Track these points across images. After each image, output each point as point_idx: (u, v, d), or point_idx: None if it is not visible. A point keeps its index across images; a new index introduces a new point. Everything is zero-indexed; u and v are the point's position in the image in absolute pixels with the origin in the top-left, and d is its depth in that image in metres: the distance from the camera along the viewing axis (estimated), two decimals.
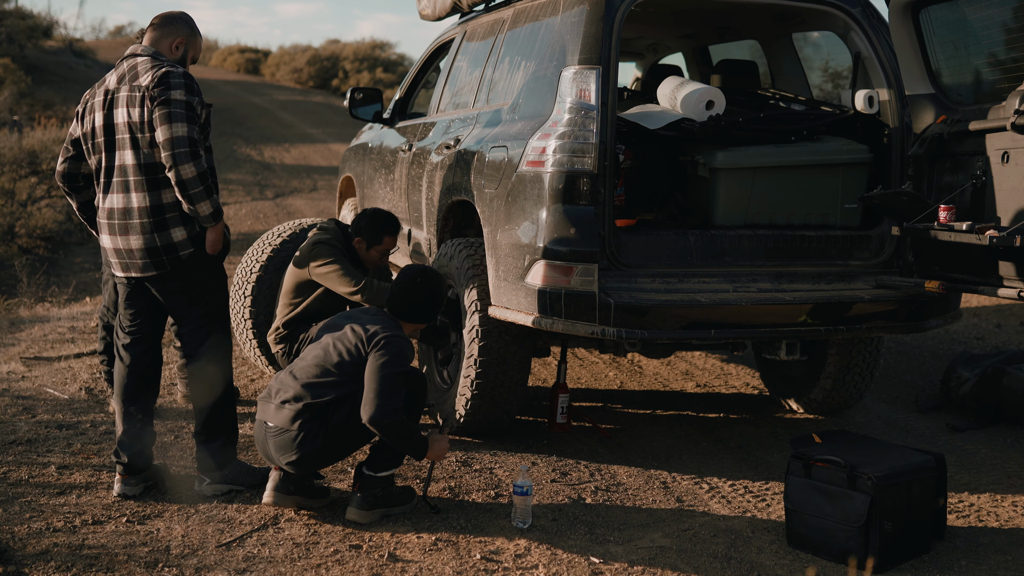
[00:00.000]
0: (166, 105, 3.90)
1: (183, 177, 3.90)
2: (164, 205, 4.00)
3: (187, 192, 3.93)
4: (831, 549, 3.79)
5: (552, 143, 4.29)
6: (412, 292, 4.09)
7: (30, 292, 9.39)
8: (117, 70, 4.09)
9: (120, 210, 4.04)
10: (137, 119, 3.95)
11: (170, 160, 3.89)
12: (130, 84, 3.99)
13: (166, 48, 4.14)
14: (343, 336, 3.96)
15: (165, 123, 3.90)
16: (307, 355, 4.02)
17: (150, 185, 3.99)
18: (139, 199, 4.00)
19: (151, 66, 4.00)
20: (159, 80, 3.93)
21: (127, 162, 4.00)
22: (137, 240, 4.01)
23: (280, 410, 3.88)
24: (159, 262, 4.03)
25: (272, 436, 3.88)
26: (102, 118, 4.05)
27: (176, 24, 4.18)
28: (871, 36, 4.79)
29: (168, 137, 3.89)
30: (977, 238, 3.96)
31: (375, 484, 3.94)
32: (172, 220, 4.01)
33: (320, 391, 3.87)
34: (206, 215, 3.99)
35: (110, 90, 4.05)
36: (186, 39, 4.18)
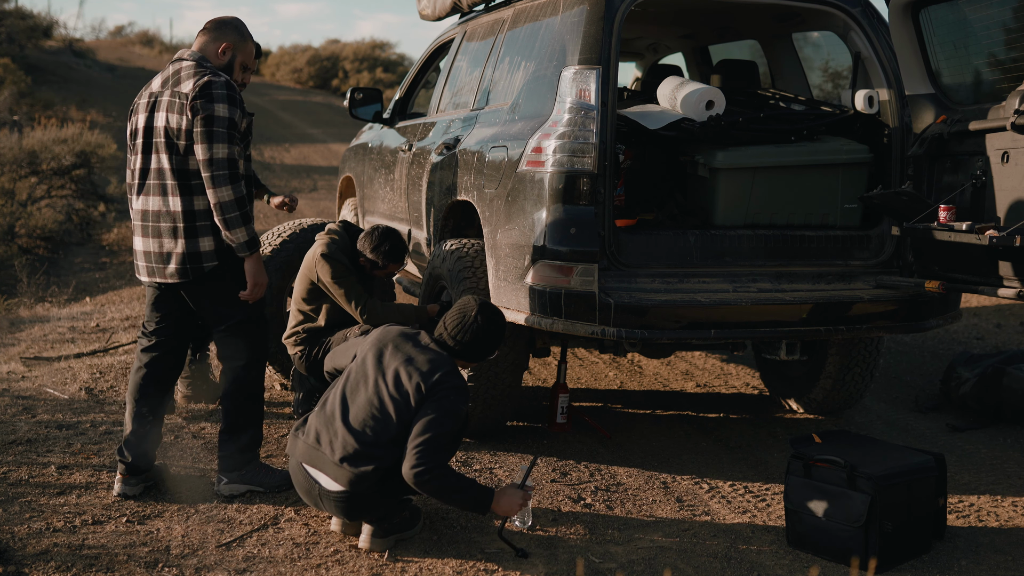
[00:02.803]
0: (209, 123, 3.89)
1: (220, 200, 3.91)
2: (196, 212, 3.99)
3: (223, 216, 3.93)
4: (831, 549, 3.79)
5: (552, 143, 4.29)
6: (474, 333, 3.76)
7: (30, 292, 9.39)
8: (163, 73, 4.09)
9: (152, 212, 4.04)
10: (175, 125, 3.94)
11: (209, 182, 3.90)
12: (172, 89, 3.98)
13: (213, 53, 4.11)
14: (397, 379, 3.64)
15: (206, 142, 3.89)
16: (355, 394, 3.70)
17: (183, 190, 3.97)
18: (172, 203, 3.99)
19: (194, 73, 3.97)
20: (201, 89, 3.90)
21: (163, 166, 4.00)
22: (168, 244, 4.01)
23: (339, 470, 3.59)
24: (183, 270, 4.01)
25: (332, 500, 3.64)
26: (144, 120, 4.05)
27: (225, 29, 4.15)
28: (871, 36, 4.79)
29: (208, 158, 3.89)
30: (977, 238, 3.96)
31: (393, 511, 3.75)
32: (202, 228, 3.99)
33: (381, 452, 3.59)
34: (240, 243, 3.97)
35: (154, 93, 4.06)
36: (234, 44, 4.14)
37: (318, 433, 3.71)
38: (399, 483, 3.62)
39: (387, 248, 4.89)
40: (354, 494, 3.60)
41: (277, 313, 5.45)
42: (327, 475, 3.64)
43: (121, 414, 5.14)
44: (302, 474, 3.74)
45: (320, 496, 3.68)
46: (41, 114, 17.88)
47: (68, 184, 14.37)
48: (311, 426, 3.76)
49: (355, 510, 3.67)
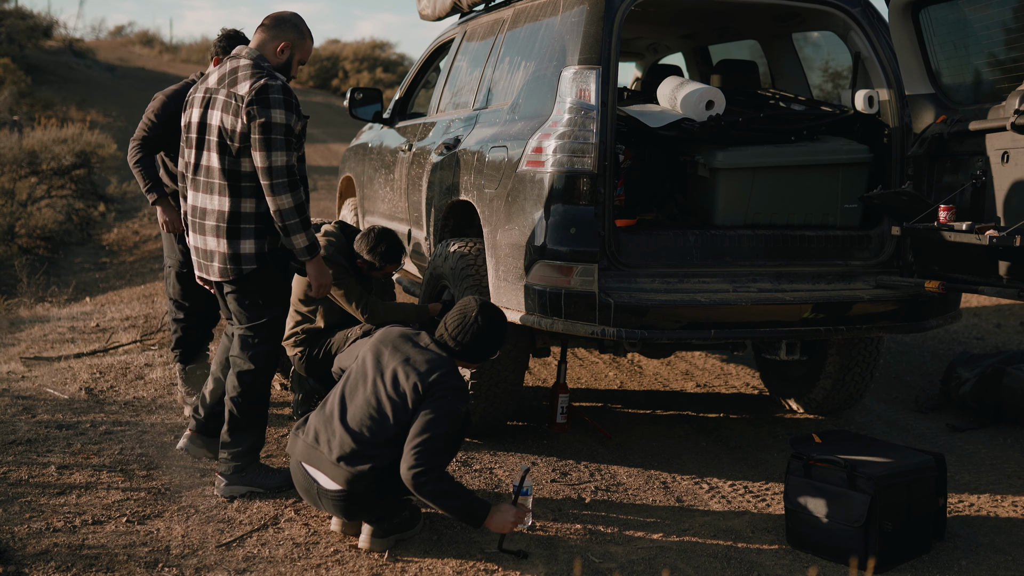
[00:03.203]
0: (267, 130, 3.87)
1: (280, 207, 3.91)
2: (241, 214, 3.99)
3: (284, 223, 3.94)
4: (831, 549, 3.79)
5: (552, 143, 4.29)
6: (475, 335, 3.75)
7: (30, 292, 9.39)
8: (220, 69, 4.06)
9: (200, 209, 4.06)
10: (229, 127, 3.93)
11: (269, 190, 3.90)
12: (228, 89, 3.96)
13: (271, 52, 4.08)
14: (395, 379, 3.63)
15: (264, 150, 3.88)
16: (354, 394, 3.71)
17: (231, 191, 3.97)
18: (219, 202, 4.00)
19: (251, 74, 3.94)
20: (257, 93, 3.87)
21: (212, 164, 4.00)
22: (212, 242, 4.04)
23: (337, 469, 3.60)
24: (224, 270, 4.04)
25: (330, 499, 3.65)
26: (199, 115, 4.05)
27: (283, 27, 4.10)
28: (871, 36, 4.79)
29: (267, 166, 3.89)
30: (977, 238, 3.96)
31: (393, 511, 3.75)
32: (245, 231, 4.00)
33: (378, 452, 3.58)
34: (301, 248, 3.99)
35: (210, 89, 4.05)
36: (292, 43, 4.10)
37: (317, 432, 3.71)
38: (397, 483, 3.62)
39: (383, 249, 4.89)
40: (351, 493, 3.60)
41: None
42: (325, 474, 3.64)
43: (121, 414, 5.15)
44: (301, 473, 3.74)
45: (319, 495, 3.69)
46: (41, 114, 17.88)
47: (68, 184, 14.37)
48: (311, 425, 3.77)
49: (353, 509, 3.67)
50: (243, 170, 3.96)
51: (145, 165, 5.00)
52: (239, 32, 5.04)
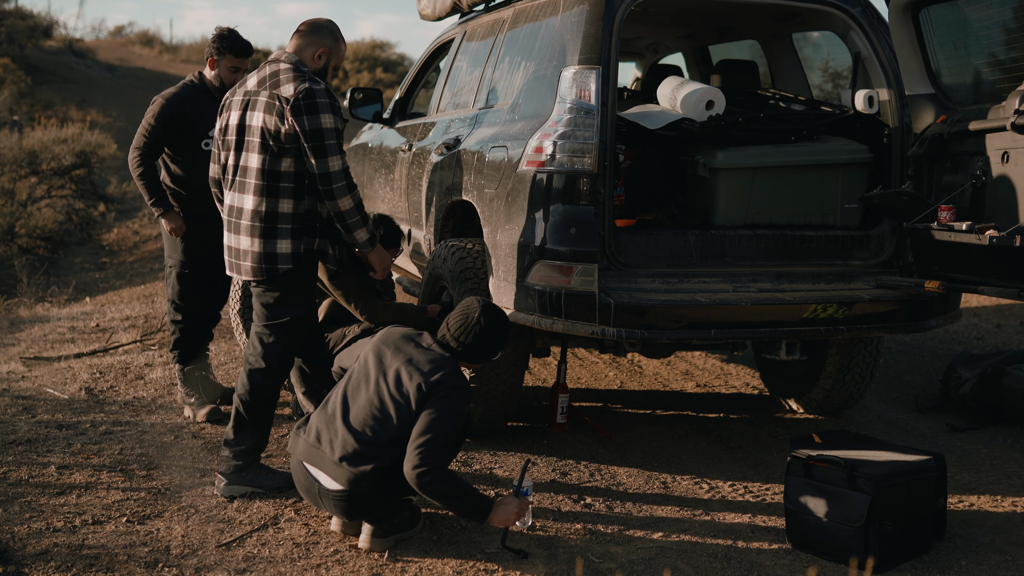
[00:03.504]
0: (319, 136, 3.93)
1: (341, 209, 4.02)
2: (280, 214, 4.02)
3: (345, 222, 4.06)
4: (831, 549, 3.79)
5: (552, 143, 4.29)
6: (477, 335, 3.76)
7: (30, 292, 9.40)
8: (259, 73, 4.12)
9: (237, 209, 4.09)
10: (272, 127, 3.96)
11: (329, 195, 3.99)
12: (270, 91, 4.00)
13: (309, 57, 4.14)
14: (398, 379, 3.63)
15: (320, 156, 3.95)
16: (356, 394, 3.70)
17: (269, 191, 4.01)
18: (255, 202, 4.02)
19: (293, 77, 3.99)
20: (304, 97, 3.92)
21: (251, 164, 4.04)
22: (246, 242, 4.06)
23: (339, 469, 3.60)
24: (258, 269, 4.06)
25: (331, 499, 3.64)
26: (238, 117, 4.09)
27: (321, 33, 4.16)
28: (871, 36, 4.79)
29: (325, 171, 3.96)
30: (977, 238, 3.96)
31: (393, 511, 3.74)
32: (284, 231, 4.03)
33: (380, 452, 3.58)
34: (363, 241, 4.13)
35: (249, 92, 4.09)
36: (329, 49, 4.18)
37: (319, 432, 3.71)
38: (398, 483, 3.62)
39: (381, 232, 4.91)
40: (353, 493, 3.60)
41: None
42: (327, 474, 3.64)
43: (121, 414, 5.15)
44: (303, 473, 3.74)
45: (320, 495, 3.69)
46: (41, 114, 17.89)
47: (68, 184, 14.38)
48: (312, 425, 3.77)
49: (354, 509, 3.67)
50: (283, 170, 4.01)
51: (148, 178, 4.98)
52: (233, 31, 5.03)
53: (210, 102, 5.04)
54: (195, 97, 5.03)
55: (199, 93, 5.04)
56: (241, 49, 4.98)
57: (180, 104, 4.97)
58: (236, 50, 4.97)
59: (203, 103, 5.03)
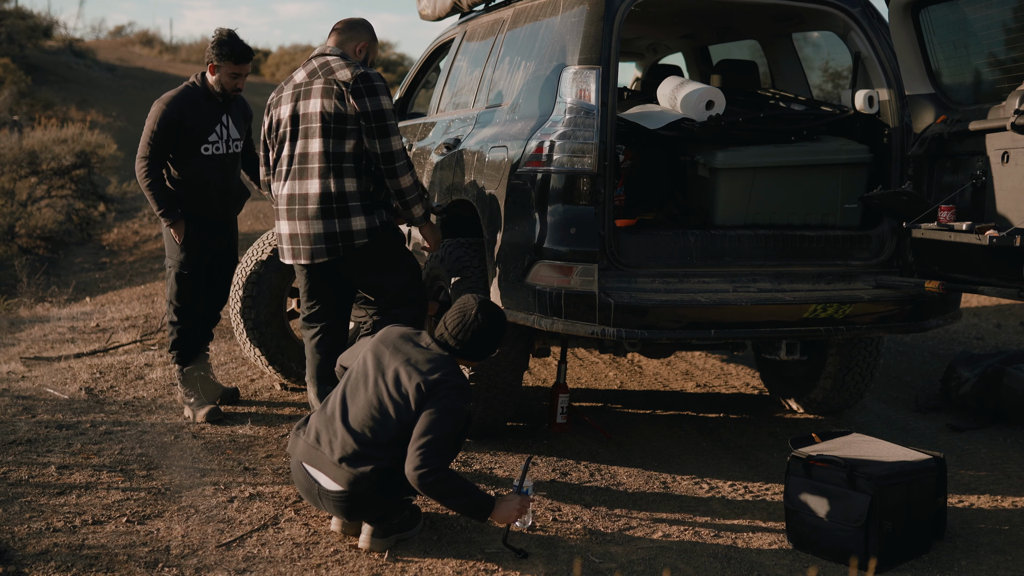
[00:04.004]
0: (381, 117, 4.15)
1: (403, 187, 4.25)
2: (347, 193, 4.18)
3: (405, 199, 4.28)
4: (831, 549, 3.79)
5: (552, 143, 4.29)
6: (475, 333, 3.74)
7: (30, 292, 9.40)
8: (306, 68, 4.30)
9: (301, 196, 4.20)
10: (332, 110, 4.14)
11: (391, 173, 4.22)
12: (325, 77, 4.18)
13: (351, 51, 4.36)
14: (397, 379, 3.62)
15: (382, 136, 4.16)
16: (355, 394, 3.69)
17: (335, 172, 4.17)
18: (323, 185, 4.17)
19: (345, 64, 4.22)
20: (361, 79, 4.15)
21: (314, 150, 4.18)
22: (316, 225, 4.18)
23: (338, 470, 3.59)
24: (333, 248, 4.19)
25: (331, 500, 3.64)
26: (289, 110, 4.24)
27: (359, 29, 4.41)
28: (871, 36, 4.79)
29: (388, 151, 4.17)
30: (977, 238, 3.96)
31: (393, 511, 3.74)
32: (355, 208, 4.19)
33: (380, 453, 3.57)
34: (419, 216, 4.36)
35: (299, 84, 4.25)
36: (368, 44, 4.42)
37: (318, 433, 3.71)
38: (399, 483, 3.62)
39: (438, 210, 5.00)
40: (353, 494, 3.60)
41: (277, 312, 5.44)
42: (326, 475, 3.64)
43: (121, 414, 5.15)
44: (302, 473, 3.74)
45: (320, 496, 3.69)
46: (41, 114, 17.89)
47: (68, 184, 14.38)
48: (312, 426, 3.76)
49: (354, 510, 3.67)
50: (346, 151, 4.17)
51: (157, 188, 4.97)
52: (233, 35, 5.00)
53: (211, 105, 5.04)
54: (196, 100, 5.01)
55: (200, 96, 5.03)
56: (241, 55, 4.96)
57: (181, 108, 4.96)
58: (235, 56, 4.95)
59: (204, 106, 5.02)
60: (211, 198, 5.10)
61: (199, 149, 5.01)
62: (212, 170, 5.06)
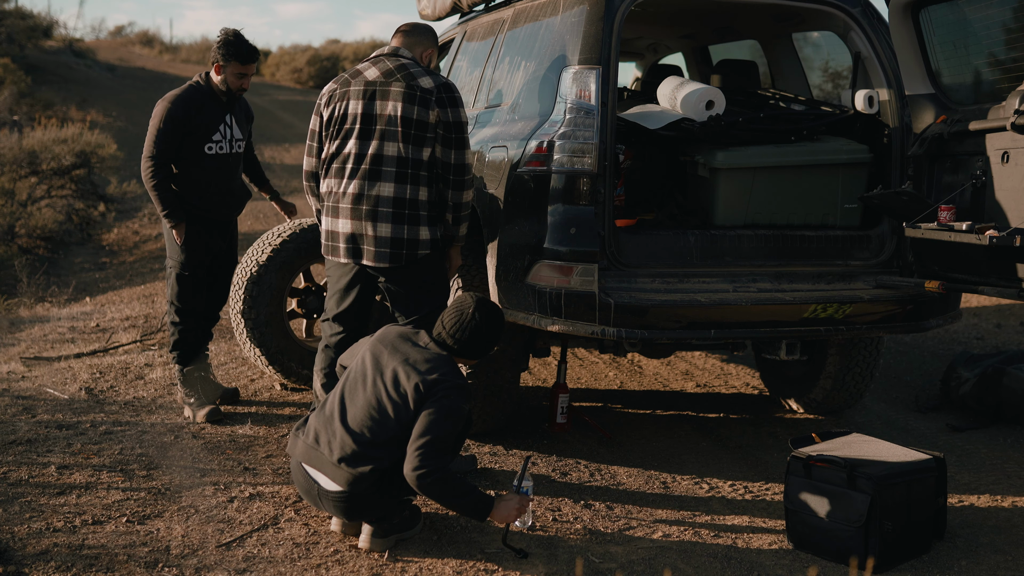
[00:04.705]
0: (460, 129, 4.16)
1: (464, 200, 4.24)
2: (419, 201, 4.16)
3: (460, 213, 4.26)
4: (831, 549, 3.79)
5: (552, 143, 4.29)
6: (473, 331, 3.74)
7: (30, 292, 9.39)
8: (377, 65, 4.23)
9: (372, 197, 4.14)
10: (416, 117, 4.10)
11: (459, 185, 4.20)
12: (406, 82, 4.13)
13: (419, 55, 4.34)
14: (395, 379, 3.61)
15: (458, 148, 4.17)
16: (354, 394, 3.69)
17: (412, 179, 4.14)
18: (398, 190, 4.13)
19: (424, 71, 4.20)
20: (446, 89, 4.15)
21: (389, 153, 4.13)
22: (384, 229, 4.14)
23: (337, 470, 3.59)
24: (397, 255, 4.15)
25: (331, 500, 3.65)
26: (361, 106, 4.16)
27: (427, 35, 4.39)
28: (871, 36, 4.79)
29: (460, 163, 4.18)
30: (977, 238, 3.96)
31: (393, 511, 3.76)
32: (423, 218, 4.17)
33: (379, 453, 3.57)
34: (462, 235, 4.34)
35: (373, 82, 4.18)
36: (433, 51, 4.41)
37: (317, 433, 3.71)
38: (398, 484, 3.61)
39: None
40: (352, 494, 3.60)
41: (277, 312, 5.44)
42: (326, 475, 3.64)
43: (121, 414, 5.15)
44: (302, 474, 3.74)
45: (319, 496, 3.69)
46: (41, 114, 17.87)
47: (68, 184, 14.37)
48: (311, 426, 3.76)
49: (354, 510, 3.67)
50: (423, 159, 4.15)
51: (163, 189, 4.96)
52: (239, 35, 5.00)
53: (215, 105, 5.04)
54: (200, 100, 5.01)
55: (204, 96, 5.03)
56: (247, 55, 4.96)
57: (186, 107, 4.95)
58: (242, 56, 4.94)
59: (208, 106, 5.02)
60: (214, 198, 5.10)
61: (203, 149, 5.01)
62: (215, 170, 5.06)
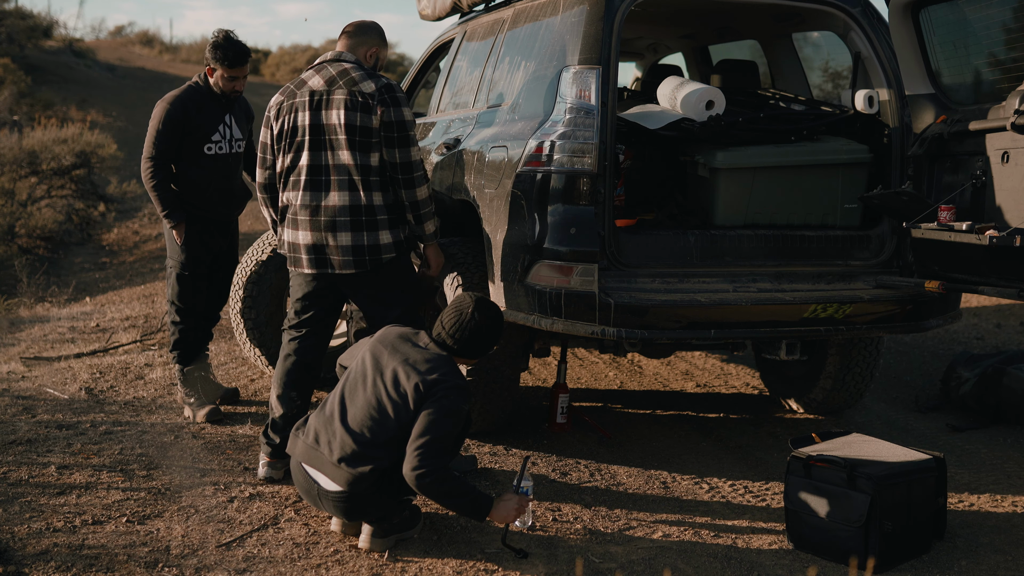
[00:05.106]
0: (402, 128, 4.14)
1: (419, 198, 4.21)
2: (375, 206, 4.15)
3: (419, 212, 4.23)
4: (831, 549, 3.79)
5: (552, 143, 4.29)
6: (473, 331, 3.74)
7: (30, 292, 9.39)
8: (320, 72, 4.22)
9: (326, 207, 4.15)
10: (359, 123, 4.10)
11: (408, 183, 4.16)
12: (348, 89, 4.12)
13: (362, 56, 4.31)
14: (395, 379, 3.62)
15: (403, 146, 4.15)
16: (354, 394, 3.69)
17: (364, 185, 4.14)
18: (352, 198, 4.14)
19: (366, 74, 4.17)
20: (386, 92, 4.12)
21: (339, 162, 4.14)
22: (345, 238, 4.14)
23: (337, 470, 3.59)
24: (360, 261, 4.16)
25: (331, 500, 3.65)
26: (308, 118, 4.16)
27: (370, 33, 4.34)
28: (871, 36, 4.79)
29: (407, 161, 4.16)
30: (977, 238, 3.96)
31: (393, 511, 3.74)
32: (383, 222, 4.17)
33: (379, 453, 3.58)
34: (430, 233, 4.31)
35: (318, 91, 4.17)
36: (379, 49, 4.35)
37: (317, 433, 3.71)
38: (398, 484, 3.62)
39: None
40: (352, 494, 3.60)
41: (277, 312, 5.44)
42: (326, 475, 3.64)
43: (121, 414, 5.15)
44: (302, 474, 3.74)
45: (319, 496, 3.69)
46: (41, 114, 17.88)
47: (68, 184, 14.37)
48: (311, 426, 3.76)
49: (354, 510, 3.67)
50: (372, 164, 4.14)
51: (162, 189, 4.97)
52: (229, 37, 4.97)
53: (214, 105, 5.03)
54: (199, 100, 5.01)
55: (203, 96, 5.03)
56: (235, 59, 4.94)
57: (184, 107, 4.96)
58: (229, 61, 4.92)
59: (207, 106, 5.02)
60: (214, 198, 5.10)
61: (203, 149, 5.01)
62: (215, 170, 5.06)
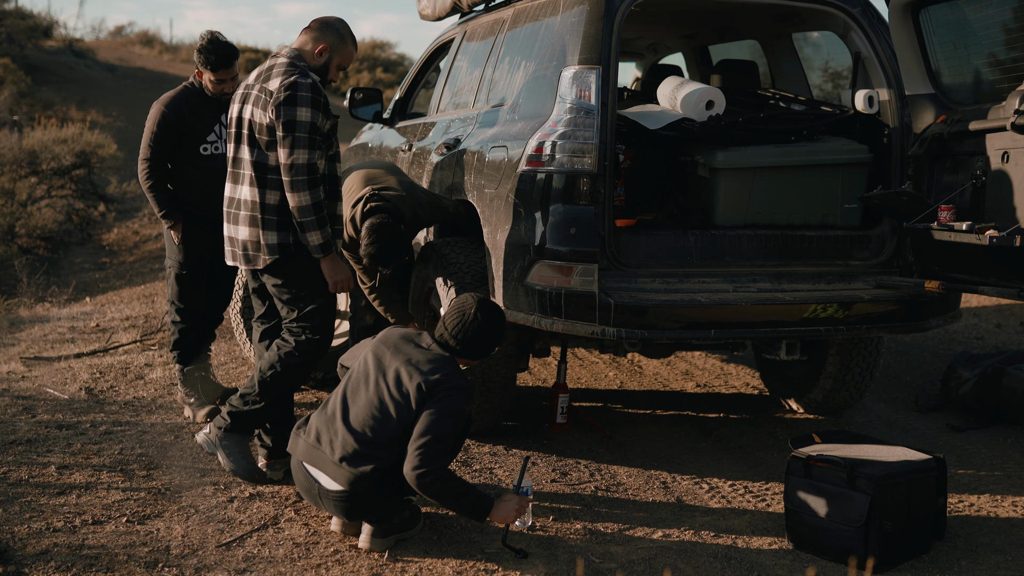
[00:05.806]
0: (290, 128, 3.95)
1: (299, 204, 4.00)
2: (268, 205, 4.10)
3: (300, 219, 4.02)
4: (831, 549, 3.79)
5: (552, 143, 4.29)
6: (475, 332, 3.75)
7: (30, 292, 9.39)
8: (260, 67, 4.20)
9: (235, 200, 4.18)
10: (259, 120, 4.05)
11: (289, 186, 4.00)
12: (261, 85, 4.08)
13: (310, 53, 4.18)
14: (398, 379, 3.63)
15: (287, 147, 3.97)
16: (356, 394, 3.70)
17: (259, 182, 4.10)
18: (249, 193, 4.12)
19: (284, 71, 4.03)
20: (286, 89, 3.97)
21: (244, 156, 4.13)
22: (243, 232, 4.15)
23: (339, 469, 3.60)
24: (247, 256, 4.15)
25: (332, 500, 3.65)
26: (237, 111, 4.18)
27: (325, 31, 4.20)
28: (871, 36, 4.79)
29: (289, 163, 3.98)
30: (977, 238, 3.96)
31: (393, 511, 3.74)
32: (272, 222, 4.10)
33: (380, 452, 3.58)
34: (314, 245, 4.05)
35: (248, 85, 4.17)
36: (331, 46, 4.19)
37: (318, 432, 3.71)
38: (399, 483, 3.62)
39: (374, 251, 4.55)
40: (353, 494, 3.60)
41: None
42: (327, 474, 3.64)
43: (121, 414, 5.15)
44: (303, 473, 3.74)
45: (320, 495, 3.69)
46: (41, 114, 17.87)
47: (68, 184, 14.37)
48: (312, 425, 3.77)
49: (355, 510, 3.67)
50: (269, 163, 4.07)
51: (158, 190, 4.98)
52: (214, 40, 4.92)
53: (209, 106, 5.04)
54: (194, 101, 5.01)
55: (197, 97, 5.03)
56: (218, 62, 4.91)
57: (179, 108, 4.96)
58: (212, 64, 4.89)
59: (202, 107, 5.02)
60: (211, 198, 5.09)
61: (198, 149, 5.02)
62: (211, 170, 5.06)
